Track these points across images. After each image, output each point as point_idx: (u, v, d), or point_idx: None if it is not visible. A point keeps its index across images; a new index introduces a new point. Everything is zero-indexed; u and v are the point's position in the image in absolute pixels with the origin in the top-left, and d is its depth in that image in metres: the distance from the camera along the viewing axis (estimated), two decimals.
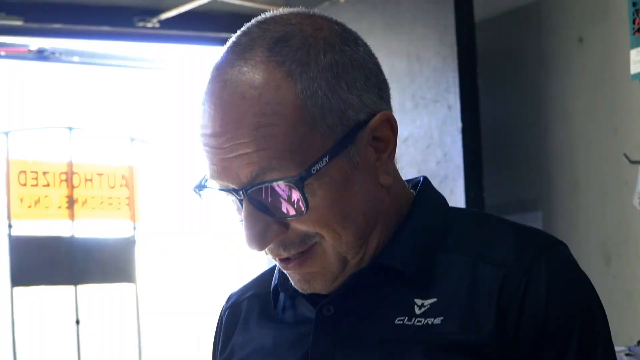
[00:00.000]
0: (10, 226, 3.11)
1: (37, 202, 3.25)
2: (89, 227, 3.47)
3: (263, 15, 0.63)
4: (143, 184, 3.82)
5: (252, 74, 0.59)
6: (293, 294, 0.73)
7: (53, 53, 3.20)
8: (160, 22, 2.80)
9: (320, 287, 0.66)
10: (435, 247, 0.71)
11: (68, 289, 3.52)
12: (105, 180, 3.35)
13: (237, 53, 0.58)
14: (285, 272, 0.67)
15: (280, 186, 0.63)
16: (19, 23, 2.66)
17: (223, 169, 0.61)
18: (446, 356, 0.64)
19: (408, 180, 0.74)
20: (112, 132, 4.41)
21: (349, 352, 0.67)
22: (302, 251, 0.65)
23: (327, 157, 0.62)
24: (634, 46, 1.80)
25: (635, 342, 1.86)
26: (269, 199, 0.63)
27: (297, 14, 0.62)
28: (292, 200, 0.63)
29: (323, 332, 0.68)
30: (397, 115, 0.87)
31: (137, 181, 3.48)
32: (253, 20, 0.61)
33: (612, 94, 2.15)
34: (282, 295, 0.73)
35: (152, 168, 4.27)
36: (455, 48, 2.19)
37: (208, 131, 0.59)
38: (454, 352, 0.64)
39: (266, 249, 0.63)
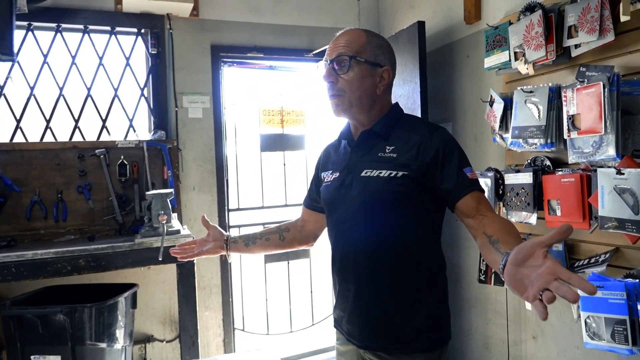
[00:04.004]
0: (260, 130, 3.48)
1: (270, 121, 3.64)
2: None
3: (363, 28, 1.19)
4: None
5: (354, 30, 1.25)
6: (343, 139, 1.28)
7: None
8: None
9: (339, 113, 1.22)
10: (394, 126, 1.20)
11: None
12: None
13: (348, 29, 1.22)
14: (330, 102, 1.21)
15: (343, 58, 1.17)
16: None
17: (330, 52, 1.21)
18: (399, 167, 1.15)
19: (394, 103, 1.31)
20: None
21: (362, 162, 1.21)
22: (335, 94, 1.20)
23: (364, 60, 1.19)
24: (486, 57, 2.47)
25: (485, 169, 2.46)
26: (335, 66, 1.18)
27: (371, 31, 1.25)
28: (343, 67, 1.18)
29: (353, 155, 1.25)
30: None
31: None
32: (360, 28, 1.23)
33: (480, 78, 2.78)
34: (342, 142, 1.32)
35: None
36: (418, 62, 2.91)
37: (334, 41, 1.23)
38: (401, 166, 1.16)
39: (327, 88, 1.17)
